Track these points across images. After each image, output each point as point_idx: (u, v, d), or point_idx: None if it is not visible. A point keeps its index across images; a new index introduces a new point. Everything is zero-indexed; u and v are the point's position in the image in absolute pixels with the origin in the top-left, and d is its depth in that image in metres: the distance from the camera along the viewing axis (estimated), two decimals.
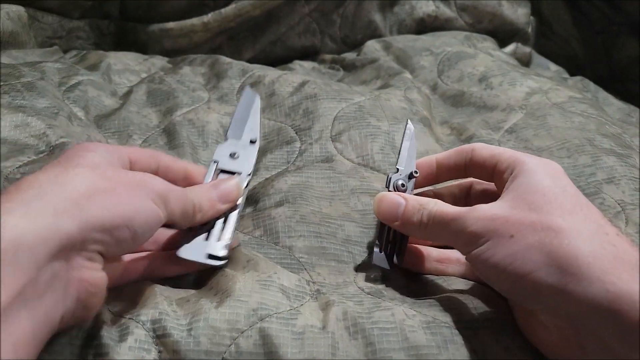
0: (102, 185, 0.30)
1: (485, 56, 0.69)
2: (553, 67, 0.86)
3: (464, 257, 0.34)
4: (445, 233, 0.35)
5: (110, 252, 0.30)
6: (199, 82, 0.65)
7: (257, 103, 0.45)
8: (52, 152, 0.45)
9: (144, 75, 0.68)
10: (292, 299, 0.35)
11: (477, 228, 0.32)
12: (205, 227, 0.37)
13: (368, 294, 0.36)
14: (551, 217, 0.30)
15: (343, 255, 0.41)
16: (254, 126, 0.43)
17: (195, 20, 0.79)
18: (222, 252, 0.36)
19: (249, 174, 0.40)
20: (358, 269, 0.40)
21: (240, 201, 0.39)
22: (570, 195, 0.32)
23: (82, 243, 0.28)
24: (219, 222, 0.38)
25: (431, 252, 0.40)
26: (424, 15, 0.82)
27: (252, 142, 0.42)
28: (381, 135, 0.52)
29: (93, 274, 0.29)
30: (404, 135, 0.42)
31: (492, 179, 0.38)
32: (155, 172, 0.37)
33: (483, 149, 0.38)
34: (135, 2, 0.81)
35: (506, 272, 0.30)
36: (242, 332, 0.31)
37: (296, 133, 0.54)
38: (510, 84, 0.62)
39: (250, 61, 0.76)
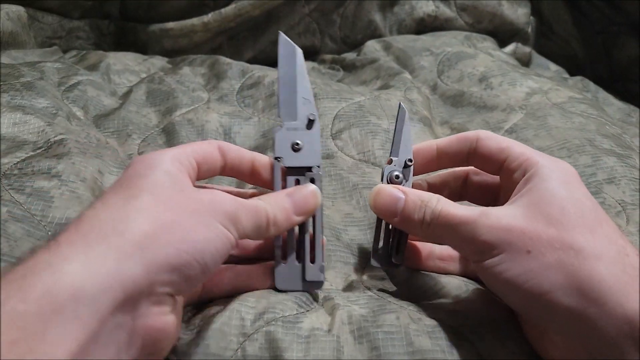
0: (167, 218, 0.27)
1: (485, 56, 0.69)
2: (553, 67, 0.86)
3: (472, 264, 0.32)
4: (451, 237, 0.32)
5: (180, 291, 0.28)
6: (199, 82, 0.65)
7: (300, 58, 0.38)
8: (50, 148, 0.45)
9: (143, 75, 0.68)
10: (301, 304, 0.35)
11: (490, 238, 0.30)
12: (291, 242, 0.35)
13: (373, 295, 0.36)
14: (571, 235, 0.29)
15: (349, 257, 0.41)
16: (306, 94, 0.37)
17: (195, 20, 0.79)
18: (320, 277, 0.34)
19: (319, 166, 0.36)
20: (363, 269, 0.40)
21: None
22: (589, 209, 0.30)
23: (150, 287, 0.26)
24: (307, 238, 0.35)
25: (433, 249, 0.38)
26: (424, 15, 0.82)
27: (311, 121, 0.36)
28: (381, 133, 0.52)
29: (160, 320, 0.27)
30: (397, 119, 0.38)
31: (498, 173, 0.36)
32: (222, 169, 0.35)
33: (490, 140, 0.35)
34: (135, 2, 0.81)
35: (521, 289, 0.29)
36: (249, 336, 0.31)
37: None
38: (511, 84, 0.62)
39: (250, 61, 0.76)
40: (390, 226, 0.37)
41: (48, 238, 0.37)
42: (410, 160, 0.37)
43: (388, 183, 0.36)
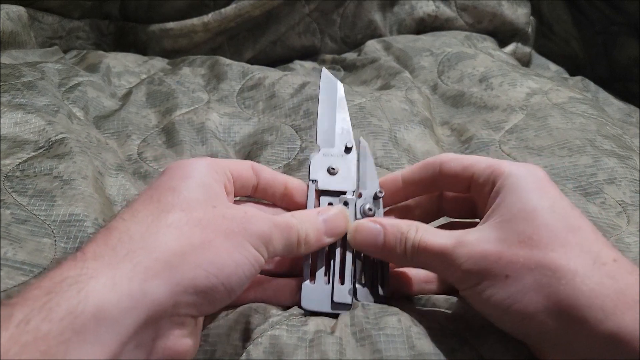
0: (198, 238, 0.27)
1: (485, 56, 0.69)
2: (553, 67, 0.86)
3: (460, 292, 0.32)
4: (433, 266, 0.32)
5: (203, 312, 0.27)
6: (199, 83, 0.65)
7: (341, 91, 0.40)
8: (52, 147, 0.45)
9: (143, 76, 0.68)
10: None
11: (469, 267, 0.30)
12: (321, 261, 0.35)
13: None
14: (544, 253, 0.28)
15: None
16: (345, 125, 0.39)
17: (195, 21, 0.79)
18: (348, 300, 0.34)
19: (354, 191, 0.36)
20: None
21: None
22: (561, 216, 0.29)
23: (173, 308, 0.25)
24: (337, 259, 0.35)
25: (416, 274, 0.37)
26: (424, 15, 0.82)
27: (348, 149, 0.38)
28: (383, 133, 0.52)
29: (179, 342, 0.26)
30: (359, 155, 0.38)
31: (469, 192, 0.35)
32: (255, 188, 0.35)
33: (452, 161, 0.35)
34: (135, 2, 0.81)
35: (508, 312, 0.28)
36: (253, 340, 0.31)
37: (296, 132, 0.54)
38: (511, 84, 0.62)
39: (250, 61, 0.76)
40: (371, 258, 0.36)
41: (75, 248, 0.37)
42: (381, 192, 0.37)
43: (362, 216, 0.36)
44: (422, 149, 0.52)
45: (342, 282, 0.35)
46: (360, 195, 0.37)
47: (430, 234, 0.32)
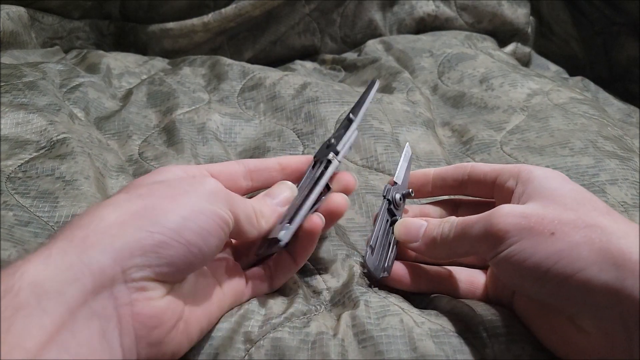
0: (138, 206, 0.28)
1: (485, 57, 0.69)
2: (553, 67, 0.87)
3: (490, 261, 0.31)
4: (468, 239, 0.32)
5: (167, 274, 0.27)
6: (199, 83, 0.65)
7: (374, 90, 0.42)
8: (54, 147, 0.45)
9: (144, 77, 0.68)
10: (309, 307, 0.35)
11: (506, 226, 0.30)
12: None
13: (376, 294, 0.36)
14: (591, 216, 0.29)
15: (352, 253, 0.41)
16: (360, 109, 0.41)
17: (195, 21, 0.79)
18: (277, 235, 0.33)
19: (338, 153, 0.38)
20: (365, 266, 0.40)
21: (323, 182, 0.36)
22: (596, 199, 0.31)
23: (123, 274, 0.26)
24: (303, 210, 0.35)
25: (425, 270, 0.38)
26: (424, 15, 0.82)
27: (350, 120, 0.40)
28: (384, 137, 0.52)
29: (148, 306, 0.26)
30: (402, 155, 0.41)
31: (492, 195, 0.36)
32: (245, 175, 0.38)
33: (482, 165, 0.37)
34: (135, 2, 0.80)
35: (550, 272, 0.28)
36: (255, 343, 0.31)
37: (298, 137, 0.54)
38: (511, 85, 0.62)
39: (250, 61, 0.76)
40: (387, 239, 0.38)
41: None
42: (412, 192, 0.40)
43: (390, 201, 0.39)
44: (425, 149, 0.52)
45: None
46: (394, 183, 0.40)
47: (467, 217, 0.33)
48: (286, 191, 0.37)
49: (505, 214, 0.30)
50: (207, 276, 0.32)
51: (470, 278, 0.38)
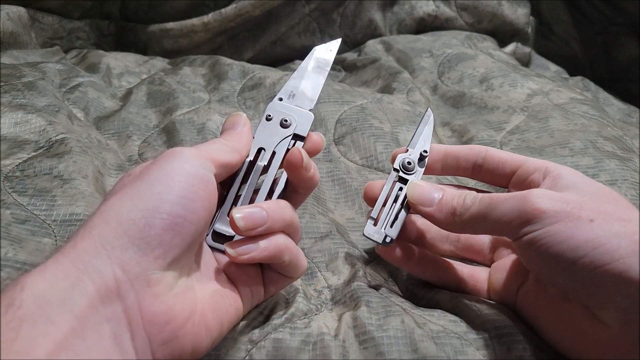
0: (115, 199, 0.27)
1: (485, 57, 0.69)
2: (553, 67, 0.86)
3: (513, 240, 0.31)
4: (494, 215, 0.31)
5: (163, 256, 0.27)
6: (199, 83, 0.64)
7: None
8: (52, 147, 0.45)
9: (144, 76, 0.68)
10: (310, 306, 0.35)
11: (544, 206, 0.29)
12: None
13: (377, 294, 0.36)
14: (629, 211, 0.29)
15: (354, 251, 0.41)
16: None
17: (195, 21, 0.79)
18: (225, 228, 0.33)
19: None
20: (367, 265, 0.40)
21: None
22: (624, 198, 0.31)
23: (123, 271, 0.25)
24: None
25: (429, 229, 0.38)
26: (424, 15, 0.82)
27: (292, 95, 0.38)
28: (384, 136, 0.52)
29: (157, 302, 0.26)
30: (421, 121, 0.39)
31: (506, 184, 0.36)
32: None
33: (500, 152, 0.36)
34: (135, 2, 0.80)
35: (584, 258, 0.28)
36: (256, 344, 0.31)
37: None
38: (511, 85, 0.62)
39: (250, 61, 0.76)
40: (392, 203, 0.37)
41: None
42: (426, 152, 0.37)
43: (400, 168, 0.37)
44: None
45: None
46: (406, 151, 0.38)
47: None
48: (238, 119, 0.35)
49: (543, 195, 0.30)
50: (219, 273, 0.32)
51: (473, 273, 0.38)
